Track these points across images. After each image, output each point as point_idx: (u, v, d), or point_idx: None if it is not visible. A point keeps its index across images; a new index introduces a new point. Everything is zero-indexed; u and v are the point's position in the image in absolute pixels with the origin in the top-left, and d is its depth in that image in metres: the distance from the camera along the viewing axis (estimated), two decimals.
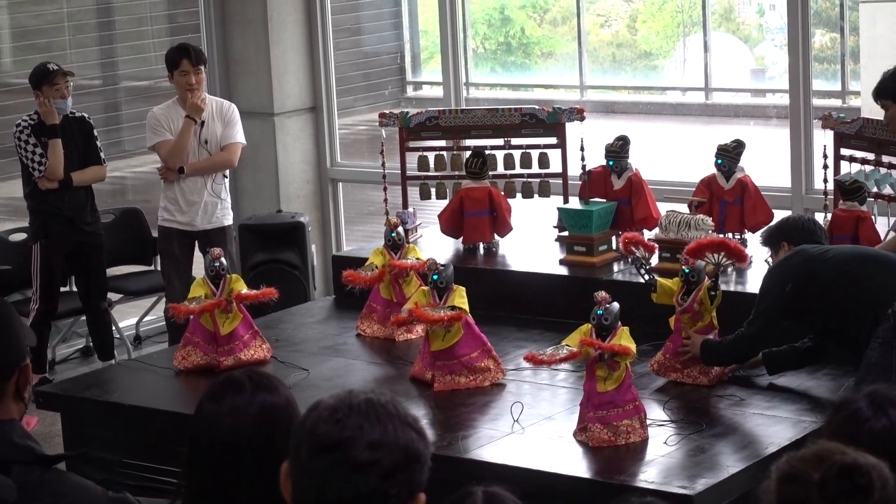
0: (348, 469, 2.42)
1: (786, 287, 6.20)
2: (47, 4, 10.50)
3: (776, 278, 6.28)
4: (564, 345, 6.02)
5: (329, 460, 2.44)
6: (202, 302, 7.07)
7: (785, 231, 6.49)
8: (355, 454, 2.43)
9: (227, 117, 9.04)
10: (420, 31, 13.36)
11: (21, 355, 3.11)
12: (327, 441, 2.45)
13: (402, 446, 2.45)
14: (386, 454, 2.44)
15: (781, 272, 6.29)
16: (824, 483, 2.57)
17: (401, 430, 2.47)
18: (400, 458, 2.45)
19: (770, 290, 6.29)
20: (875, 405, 3.10)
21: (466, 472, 5.51)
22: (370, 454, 2.43)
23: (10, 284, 9.38)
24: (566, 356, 5.98)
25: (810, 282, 6.19)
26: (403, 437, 2.46)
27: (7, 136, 9.21)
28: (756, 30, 14.97)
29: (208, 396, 3.05)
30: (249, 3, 10.69)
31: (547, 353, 6.05)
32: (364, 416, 2.46)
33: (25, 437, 3.06)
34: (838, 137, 7.88)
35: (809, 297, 6.20)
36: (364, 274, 7.50)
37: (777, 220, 6.67)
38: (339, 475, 2.43)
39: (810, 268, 6.20)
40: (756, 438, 5.90)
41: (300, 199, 10.86)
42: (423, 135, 8.80)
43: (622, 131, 8.23)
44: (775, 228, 6.61)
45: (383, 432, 2.45)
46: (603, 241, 7.88)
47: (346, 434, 2.44)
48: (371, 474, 2.42)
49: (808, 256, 6.26)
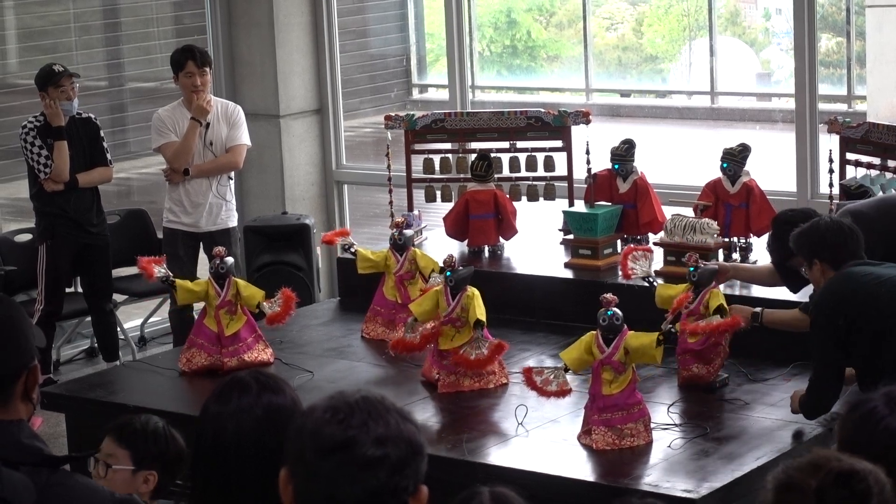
0: (357, 467, 2.43)
1: (838, 321, 5.78)
2: (53, 5, 10.51)
3: (824, 314, 5.84)
4: (562, 367, 6.03)
5: (337, 461, 2.43)
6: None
7: (815, 247, 5.94)
8: (363, 451, 2.43)
9: (232, 119, 9.04)
10: (426, 34, 13.35)
11: (30, 356, 3.11)
12: (334, 442, 2.45)
13: (406, 439, 2.47)
14: (393, 448, 2.44)
15: (829, 307, 5.82)
16: (822, 491, 2.57)
17: (402, 423, 2.48)
18: (406, 451, 2.46)
19: (821, 327, 5.85)
20: (892, 404, 3.09)
21: (470, 475, 5.52)
22: (378, 450, 2.43)
23: (15, 285, 9.38)
24: (556, 391, 5.99)
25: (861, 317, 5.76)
26: (406, 430, 2.48)
27: (13, 137, 9.22)
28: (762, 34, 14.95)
29: (214, 397, 3.05)
30: (255, 5, 10.70)
31: (542, 377, 6.04)
32: (366, 413, 2.47)
33: (33, 438, 3.07)
34: (844, 142, 7.88)
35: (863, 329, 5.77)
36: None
37: (808, 227, 6.01)
38: (348, 474, 2.43)
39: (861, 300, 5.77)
40: (760, 442, 5.90)
41: (305, 201, 10.87)
42: (429, 137, 8.81)
43: (628, 135, 8.23)
44: (805, 240, 6.00)
45: (387, 427, 2.46)
46: (608, 245, 7.88)
47: (352, 433, 2.44)
48: (381, 469, 2.43)
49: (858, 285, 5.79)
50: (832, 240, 5.89)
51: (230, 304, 7.10)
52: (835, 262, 5.88)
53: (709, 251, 7.45)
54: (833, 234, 5.90)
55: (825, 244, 5.90)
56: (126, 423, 4.54)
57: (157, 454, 4.44)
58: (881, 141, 7.71)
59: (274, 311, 7.07)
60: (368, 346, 7.50)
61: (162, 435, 4.49)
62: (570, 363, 6.01)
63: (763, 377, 6.66)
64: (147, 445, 4.44)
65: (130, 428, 4.50)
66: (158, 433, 4.49)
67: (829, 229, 5.91)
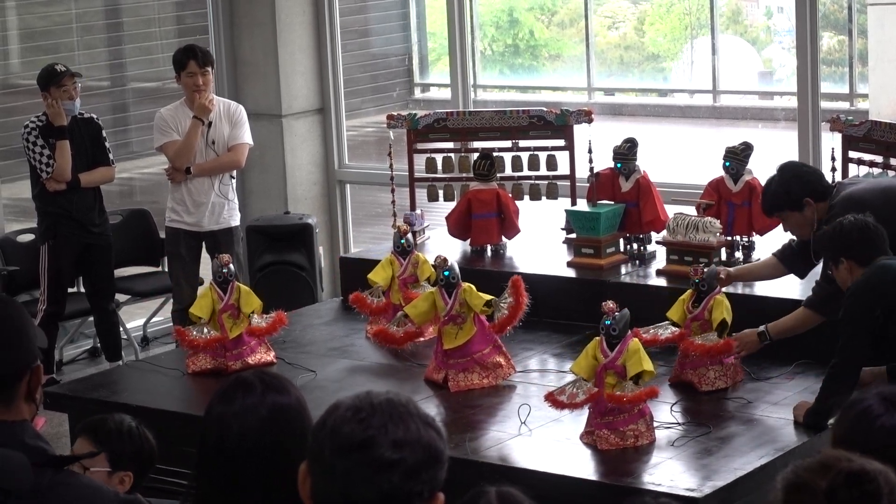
0: (373, 468, 2.42)
1: (875, 312, 5.82)
2: (55, 6, 10.52)
3: (861, 304, 5.86)
4: (579, 377, 6.02)
5: (353, 460, 2.43)
6: (206, 334, 7.09)
7: (842, 247, 5.98)
8: (380, 453, 2.42)
9: (234, 118, 9.04)
10: (428, 33, 13.35)
11: (32, 356, 3.11)
12: (351, 441, 2.44)
13: (424, 445, 2.45)
14: (410, 453, 2.43)
15: (866, 296, 5.86)
16: (832, 491, 2.56)
17: (423, 429, 2.47)
18: (423, 457, 2.44)
19: (855, 318, 5.87)
20: (887, 402, 3.08)
21: (474, 474, 5.52)
22: (394, 453, 2.42)
23: (17, 285, 9.39)
24: (586, 399, 5.97)
25: None
26: (426, 436, 2.46)
27: (15, 137, 9.22)
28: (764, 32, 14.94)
29: (219, 397, 3.04)
30: (258, 5, 10.70)
31: (566, 394, 6.03)
32: (387, 415, 2.46)
33: (37, 439, 3.06)
34: (846, 140, 7.88)
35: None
36: (371, 300, 7.52)
37: (834, 227, 6.05)
38: (363, 475, 2.42)
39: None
40: (764, 441, 5.90)
41: (308, 201, 10.87)
42: (431, 136, 8.81)
43: (630, 133, 8.23)
44: (829, 242, 6.08)
45: (406, 431, 2.45)
46: (610, 244, 7.88)
47: (371, 433, 2.44)
48: (395, 473, 2.42)
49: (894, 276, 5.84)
50: (859, 237, 5.94)
51: (233, 308, 7.10)
52: (862, 260, 5.93)
53: (711, 250, 7.45)
54: (859, 231, 5.95)
55: (852, 242, 5.94)
56: (100, 424, 4.52)
57: (133, 454, 4.43)
58: (883, 139, 7.71)
59: (259, 326, 7.10)
60: (371, 346, 7.50)
61: (136, 435, 4.48)
62: (582, 373, 6.00)
63: (766, 376, 6.66)
64: (123, 446, 4.43)
65: (105, 429, 4.48)
66: (133, 433, 4.48)
67: (855, 227, 5.96)
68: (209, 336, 7.09)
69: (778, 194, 6.63)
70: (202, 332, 7.10)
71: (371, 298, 7.54)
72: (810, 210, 6.56)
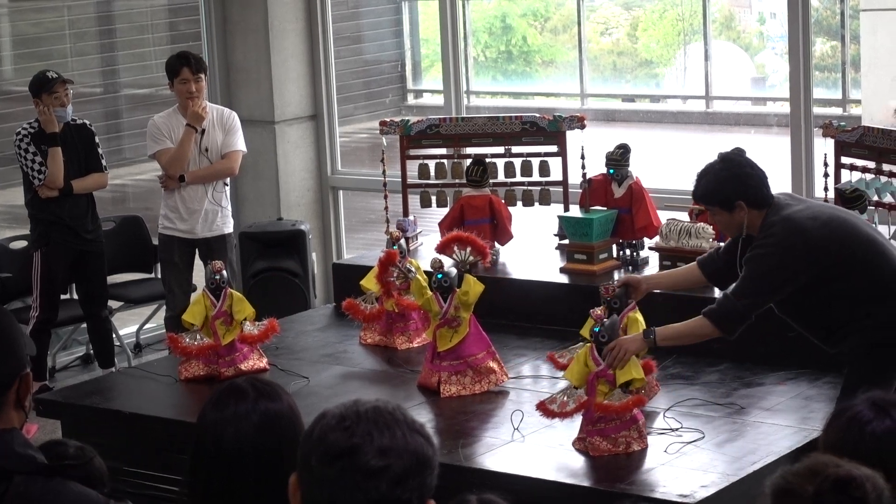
0: (359, 476, 2.42)
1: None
2: (48, 12, 10.51)
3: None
4: (570, 385, 6.01)
5: (339, 468, 2.43)
6: (199, 341, 7.08)
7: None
8: (366, 460, 2.42)
9: (227, 125, 9.05)
10: (421, 40, 13.37)
11: (21, 364, 3.10)
12: (337, 449, 2.44)
13: (411, 452, 2.45)
14: (396, 460, 2.43)
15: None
16: (819, 496, 2.57)
17: (409, 435, 2.47)
18: (410, 464, 2.44)
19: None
20: (876, 407, 3.09)
21: (467, 480, 5.51)
22: (380, 460, 2.42)
23: (10, 292, 9.39)
24: (577, 407, 5.95)
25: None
26: (412, 442, 2.46)
27: (8, 143, 9.22)
28: (757, 38, 14.97)
29: (211, 404, 3.04)
30: (250, 12, 10.71)
31: (557, 402, 6.02)
32: (372, 423, 2.46)
33: (26, 447, 3.06)
34: (839, 146, 7.88)
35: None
36: (364, 307, 7.55)
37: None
38: (350, 483, 2.42)
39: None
40: (756, 447, 5.90)
41: (301, 207, 10.87)
42: (424, 143, 8.81)
43: (623, 139, 8.24)
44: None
45: (392, 438, 2.45)
46: (603, 250, 7.88)
47: (356, 441, 2.43)
48: (382, 480, 2.42)
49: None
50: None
51: (226, 314, 7.10)
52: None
53: None
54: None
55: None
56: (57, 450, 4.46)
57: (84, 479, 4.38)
58: (876, 145, 7.71)
59: (251, 333, 7.09)
60: (364, 352, 7.50)
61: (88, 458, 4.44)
62: (574, 380, 6.00)
63: (758, 381, 6.66)
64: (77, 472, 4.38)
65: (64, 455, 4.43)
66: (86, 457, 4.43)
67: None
68: (202, 343, 7.09)
69: (711, 190, 6.08)
70: (195, 339, 7.10)
71: (364, 305, 7.55)
72: (741, 214, 5.98)
